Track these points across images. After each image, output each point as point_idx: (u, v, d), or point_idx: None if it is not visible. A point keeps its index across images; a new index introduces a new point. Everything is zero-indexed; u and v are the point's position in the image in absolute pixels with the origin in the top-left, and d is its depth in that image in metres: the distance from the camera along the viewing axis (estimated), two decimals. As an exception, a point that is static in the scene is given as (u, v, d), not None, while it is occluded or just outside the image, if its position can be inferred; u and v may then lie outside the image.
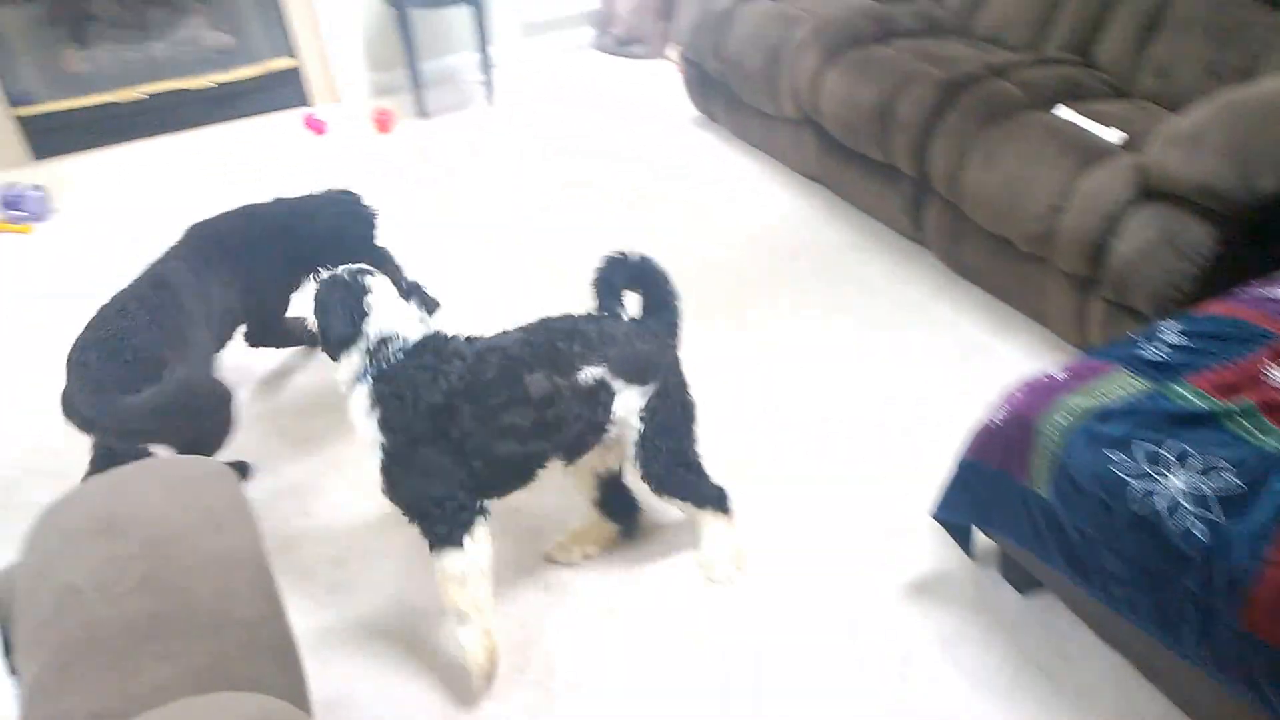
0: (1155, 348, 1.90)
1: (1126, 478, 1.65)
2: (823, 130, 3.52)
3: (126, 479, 1.67)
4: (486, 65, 4.69)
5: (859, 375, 2.85)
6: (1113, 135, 2.73)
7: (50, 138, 4.37)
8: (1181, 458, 1.64)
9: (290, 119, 4.64)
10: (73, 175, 4.23)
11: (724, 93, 4.11)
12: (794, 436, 2.64)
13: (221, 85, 4.58)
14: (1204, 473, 1.60)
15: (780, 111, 3.71)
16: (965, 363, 2.87)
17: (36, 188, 3.90)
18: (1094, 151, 2.65)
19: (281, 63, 4.68)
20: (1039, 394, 1.88)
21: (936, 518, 2.13)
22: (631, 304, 2.22)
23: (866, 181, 3.42)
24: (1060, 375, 1.91)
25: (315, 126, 4.49)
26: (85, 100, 4.38)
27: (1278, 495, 1.53)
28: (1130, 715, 1.90)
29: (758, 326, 3.07)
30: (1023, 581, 2.13)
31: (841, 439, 2.62)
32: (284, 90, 4.72)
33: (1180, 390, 1.77)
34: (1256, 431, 1.67)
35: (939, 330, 3.02)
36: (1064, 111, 2.86)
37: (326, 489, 2.56)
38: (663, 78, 4.96)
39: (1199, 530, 1.55)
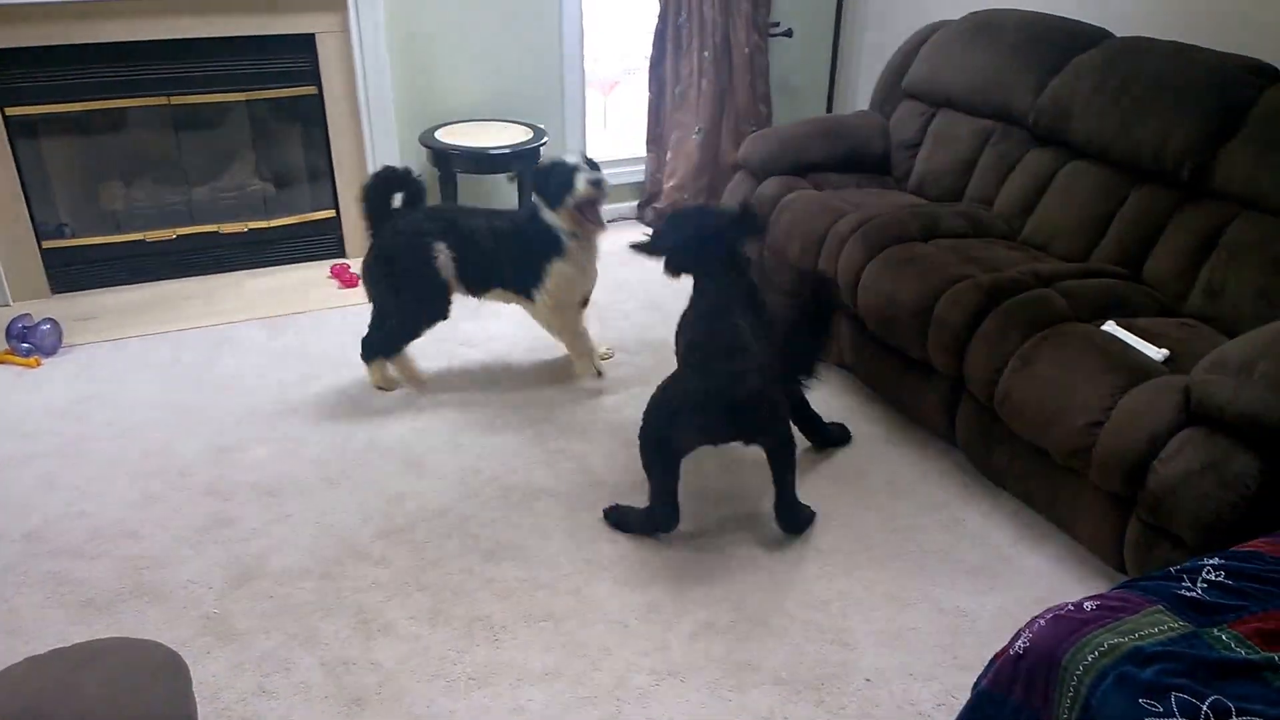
0: (1195, 585, 1.81)
1: (1159, 730, 1.54)
2: (859, 322, 3.51)
3: (68, 662, 1.59)
4: (526, 230, 4.78)
5: (877, 576, 2.76)
6: (1157, 353, 2.69)
7: (72, 272, 4.45)
8: (1221, 713, 1.53)
9: (321, 269, 4.72)
10: (89, 311, 4.29)
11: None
12: (804, 637, 2.54)
13: (254, 231, 4.68)
14: (1245, 733, 1.49)
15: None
16: (987, 572, 2.78)
17: (49, 321, 3.94)
18: (1138, 369, 2.62)
19: (320, 214, 4.79)
20: (1066, 626, 1.78)
21: (951, 751, 2.00)
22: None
23: (900, 376, 3.39)
24: (1089, 606, 1.81)
25: (346, 279, 4.55)
26: (113, 238, 4.48)
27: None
28: None
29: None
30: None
31: (851, 644, 2.52)
32: (319, 240, 4.82)
33: (1221, 637, 1.67)
34: (1302, 688, 1.57)
35: (962, 535, 2.94)
36: (1113, 327, 2.84)
37: (295, 665, 2.47)
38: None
39: (1237, 798, 1.43)
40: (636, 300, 4.45)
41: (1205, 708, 1.55)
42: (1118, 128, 3.33)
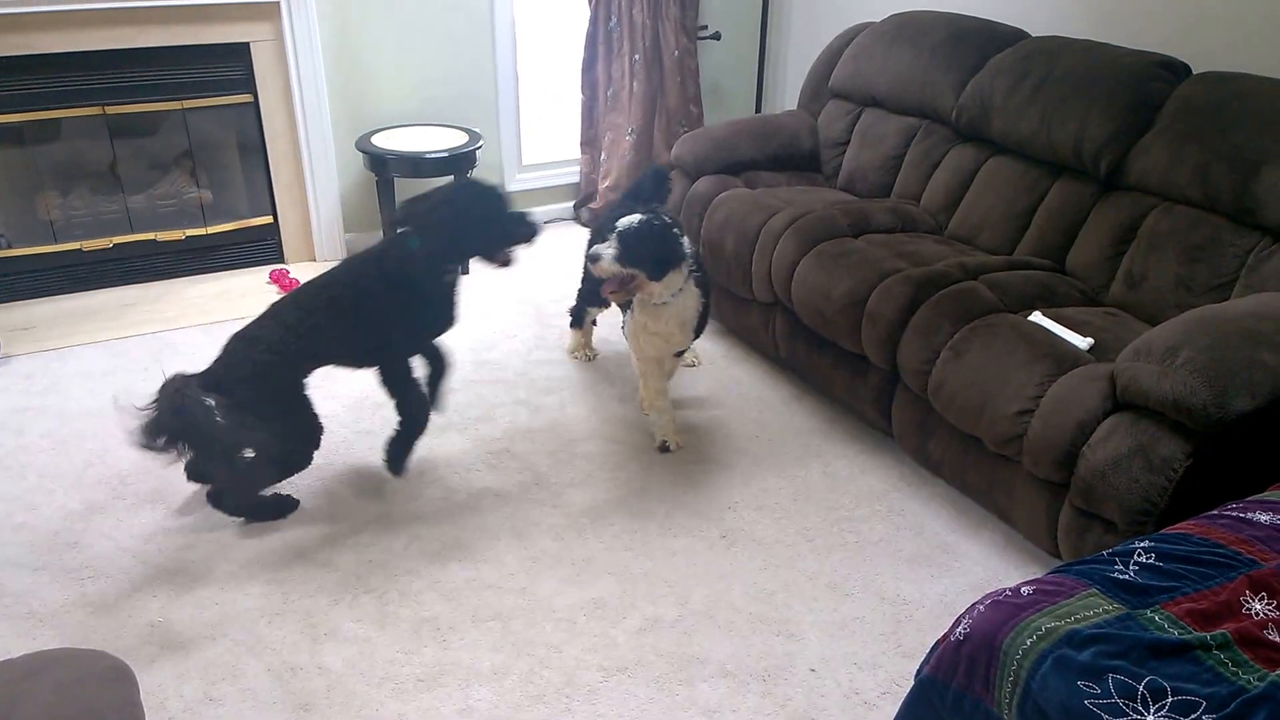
0: (1127, 567, 1.81)
1: (1099, 712, 1.53)
2: (794, 316, 3.50)
3: (14, 674, 1.53)
4: (463, 233, 4.69)
5: (820, 568, 2.74)
6: (1083, 342, 2.70)
7: (8, 282, 4.30)
8: (1157, 693, 1.52)
9: (261, 275, 4.61)
10: (26, 321, 4.14)
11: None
12: (749, 629, 2.51)
13: (192, 238, 4.55)
14: (1180, 712, 1.48)
15: (753, 295, 3.70)
16: (927, 561, 2.78)
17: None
18: (1066, 358, 2.63)
19: (259, 220, 4.67)
20: (1004, 611, 1.76)
21: (895, 738, 1.98)
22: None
23: (836, 369, 3.37)
24: (1026, 591, 1.80)
25: (286, 284, 4.45)
26: (50, 247, 4.33)
27: (1259, 743, 1.42)
28: None
29: (716, 512, 2.97)
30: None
31: (797, 635, 2.49)
32: (258, 246, 4.71)
33: (1155, 618, 1.67)
34: (1232, 666, 1.57)
35: (901, 525, 2.93)
36: (1040, 317, 2.85)
37: (241, 672, 2.39)
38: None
39: (1177, 778, 1.42)
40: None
41: (1141, 688, 1.54)
42: (1036, 124, 3.34)
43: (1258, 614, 1.66)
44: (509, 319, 4.22)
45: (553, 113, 5.49)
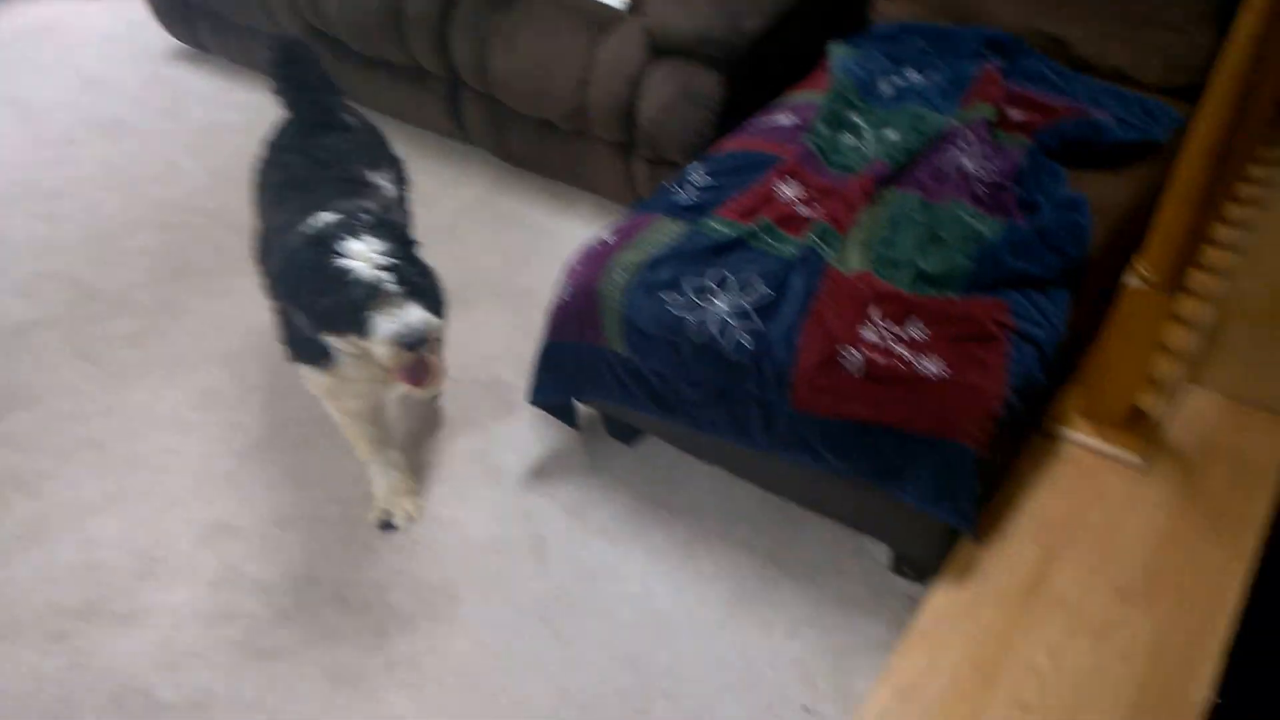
0: (686, 192, 2.20)
1: (682, 314, 1.92)
2: (337, 41, 3.46)
3: None
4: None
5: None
6: (618, 1, 2.99)
7: None
8: (722, 283, 1.93)
9: None
10: None
11: (207, 13, 3.91)
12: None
13: None
14: (741, 290, 1.90)
15: (279, 28, 3.59)
16: (536, 249, 3.09)
17: None
18: (605, 21, 2.91)
19: None
20: (595, 260, 2.09)
21: (534, 403, 2.32)
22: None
23: (394, 87, 3.47)
24: (610, 237, 2.14)
25: None
26: None
27: (797, 292, 1.87)
28: (732, 509, 2.29)
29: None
30: (626, 434, 2.43)
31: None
32: None
33: (711, 224, 2.07)
34: (774, 243, 2.01)
35: (505, 224, 3.20)
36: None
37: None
38: (125, 9, 4.55)
39: (745, 340, 1.85)
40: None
41: (710, 282, 1.93)
42: None
43: (786, 197, 2.11)
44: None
45: None
